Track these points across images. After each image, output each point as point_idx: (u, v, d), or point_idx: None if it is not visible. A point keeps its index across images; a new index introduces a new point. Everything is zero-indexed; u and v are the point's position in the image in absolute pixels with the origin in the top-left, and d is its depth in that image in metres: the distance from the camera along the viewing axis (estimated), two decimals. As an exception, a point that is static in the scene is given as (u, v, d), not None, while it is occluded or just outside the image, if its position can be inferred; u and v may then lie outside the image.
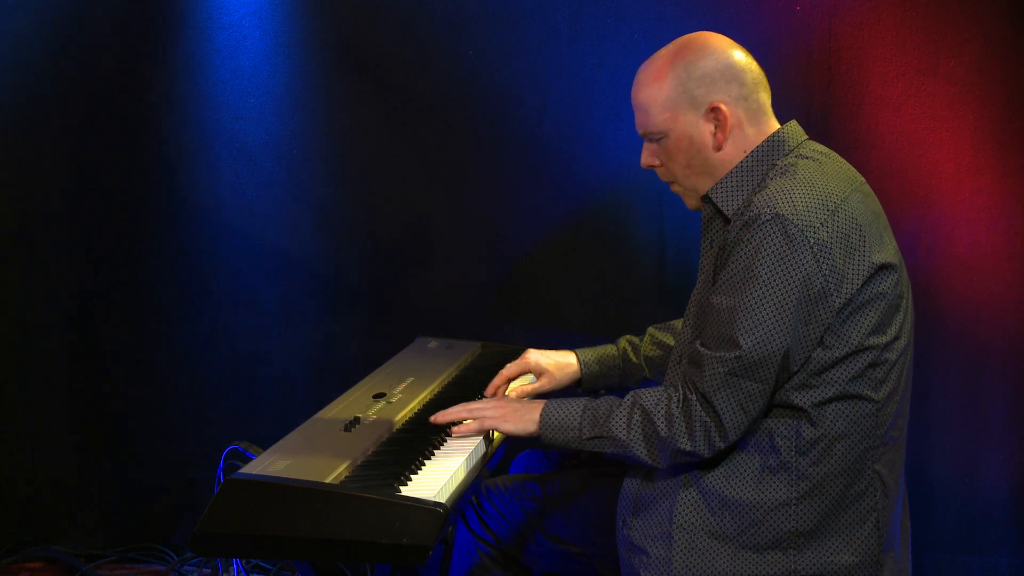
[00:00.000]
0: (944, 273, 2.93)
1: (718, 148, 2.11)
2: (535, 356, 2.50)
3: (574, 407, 2.12)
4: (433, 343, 2.99)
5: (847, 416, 2.00)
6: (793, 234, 1.93)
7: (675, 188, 2.21)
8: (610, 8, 3.07)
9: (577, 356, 2.56)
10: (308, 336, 3.42)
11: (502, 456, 2.36)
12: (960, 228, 2.91)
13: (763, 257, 1.94)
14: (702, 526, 2.03)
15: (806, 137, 2.16)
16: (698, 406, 1.98)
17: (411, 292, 3.33)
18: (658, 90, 2.11)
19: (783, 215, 1.94)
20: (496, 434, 2.30)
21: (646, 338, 2.57)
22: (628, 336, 2.59)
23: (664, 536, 2.05)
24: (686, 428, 1.99)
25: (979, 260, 2.91)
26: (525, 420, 2.16)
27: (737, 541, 2.02)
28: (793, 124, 2.15)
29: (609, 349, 2.58)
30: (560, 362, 2.53)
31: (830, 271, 1.95)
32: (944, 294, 2.94)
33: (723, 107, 2.08)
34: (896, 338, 2.03)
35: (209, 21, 3.33)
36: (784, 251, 1.93)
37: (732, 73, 2.09)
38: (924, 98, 2.89)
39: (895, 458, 2.10)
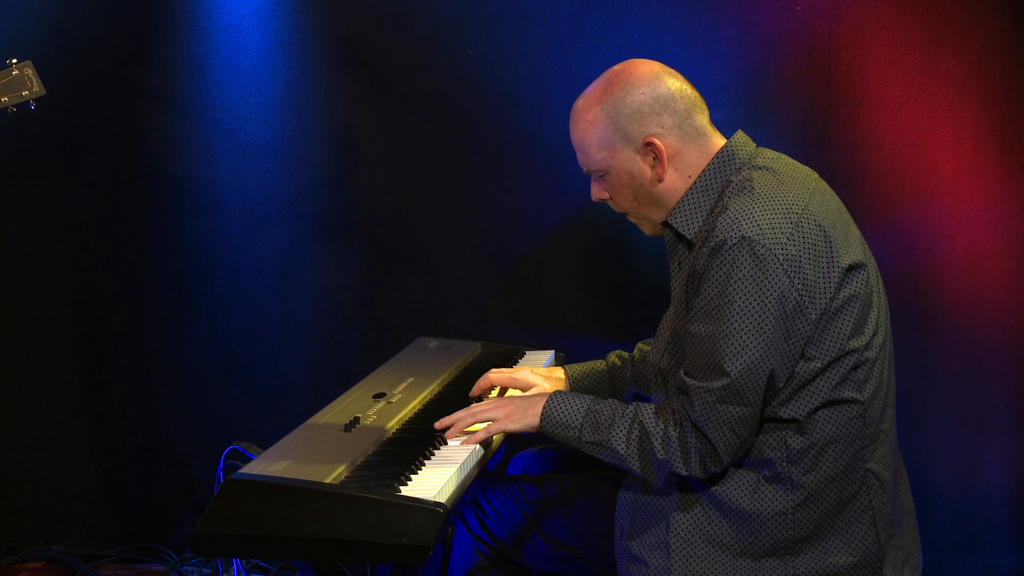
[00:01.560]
0: (944, 273, 2.93)
1: (660, 180, 2.12)
2: (524, 373, 2.49)
3: (577, 407, 2.12)
4: (433, 343, 2.99)
5: (835, 421, 2.01)
6: (762, 254, 1.93)
7: (630, 218, 2.23)
8: (610, 8, 3.07)
9: (565, 372, 2.56)
10: (308, 336, 3.42)
11: (502, 456, 2.36)
12: (960, 228, 2.91)
13: (736, 282, 1.94)
14: (700, 534, 2.03)
15: (755, 145, 2.16)
16: (692, 436, 1.99)
17: (411, 292, 3.33)
18: (592, 130, 2.13)
19: (749, 236, 1.94)
20: (496, 435, 2.29)
21: (635, 354, 2.56)
22: (617, 351, 2.59)
23: (662, 545, 2.05)
24: (681, 455, 2.00)
25: (979, 260, 2.90)
26: (528, 416, 2.17)
27: (734, 549, 2.02)
28: (740, 135, 2.15)
29: (598, 364, 2.58)
30: (550, 377, 2.53)
31: (803, 284, 1.95)
32: (944, 294, 2.93)
33: (656, 141, 2.09)
34: (874, 334, 2.04)
35: (209, 21, 3.32)
36: (755, 273, 1.93)
37: (662, 103, 2.09)
38: (924, 98, 2.89)
39: (888, 451, 2.10)
